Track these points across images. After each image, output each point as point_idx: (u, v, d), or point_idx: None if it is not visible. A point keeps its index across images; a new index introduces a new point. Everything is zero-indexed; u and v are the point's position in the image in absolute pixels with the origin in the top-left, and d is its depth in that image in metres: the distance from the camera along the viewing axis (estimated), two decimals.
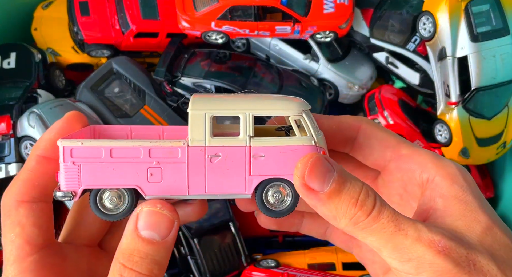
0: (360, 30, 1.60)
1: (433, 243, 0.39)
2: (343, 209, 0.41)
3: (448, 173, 0.45)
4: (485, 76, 1.33)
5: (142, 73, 1.59)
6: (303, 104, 0.49)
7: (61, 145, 0.47)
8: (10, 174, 1.33)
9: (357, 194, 0.41)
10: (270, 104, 0.48)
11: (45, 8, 1.69)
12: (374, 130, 0.51)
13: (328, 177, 0.42)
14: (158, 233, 0.43)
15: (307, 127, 0.48)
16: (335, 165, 0.43)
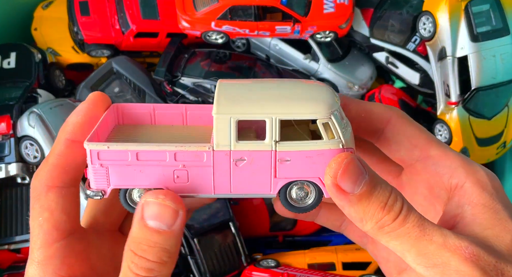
0: (360, 30, 1.60)
1: (459, 249, 0.38)
2: (370, 212, 0.41)
3: (478, 179, 0.44)
4: (485, 76, 1.33)
5: (142, 73, 1.59)
6: (332, 103, 0.47)
7: (88, 148, 0.47)
8: (10, 174, 1.33)
9: (386, 198, 0.41)
10: (297, 107, 0.46)
11: (45, 8, 1.69)
12: (404, 125, 0.49)
13: (360, 180, 0.41)
14: (164, 223, 0.43)
15: (335, 130, 0.46)
16: (368, 168, 0.43)
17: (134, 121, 0.57)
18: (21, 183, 1.38)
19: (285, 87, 0.50)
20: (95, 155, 0.47)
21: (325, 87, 0.50)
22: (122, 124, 0.57)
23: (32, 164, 1.36)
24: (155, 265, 0.43)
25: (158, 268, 0.43)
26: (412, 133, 0.48)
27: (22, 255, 1.44)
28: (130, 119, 0.57)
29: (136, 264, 0.43)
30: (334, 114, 0.46)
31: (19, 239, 1.36)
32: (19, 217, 1.37)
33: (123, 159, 0.47)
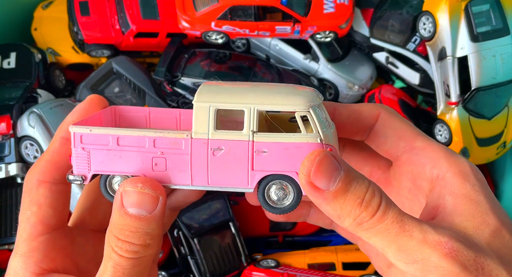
0: (360, 30, 1.60)
1: (439, 244, 0.38)
2: (348, 209, 0.41)
3: (460, 170, 0.44)
4: (485, 76, 1.33)
5: (142, 73, 1.59)
6: (312, 98, 0.47)
7: (72, 131, 0.48)
8: (10, 174, 1.33)
9: (363, 194, 0.41)
10: (276, 99, 0.47)
11: (45, 8, 1.69)
12: (391, 119, 0.50)
13: (334, 176, 0.41)
14: (145, 209, 0.44)
15: (313, 124, 0.46)
16: (343, 163, 0.42)
17: (130, 124, 0.58)
18: (21, 183, 1.38)
19: (269, 85, 0.51)
20: (78, 138, 0.48)
21: (309, 88, 0.50)
22: (119, 126, 0.58)
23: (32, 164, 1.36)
24: (139, 248, 0.44)
25: (143, 250, 0.44)
26: (399, 126, 0.49)
27: None
28: (126, 121, 0.58)
29: (120, 248, 0.44)
30: (313, 108, 0.46)
31: None
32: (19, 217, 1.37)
33: (104, 143, 0.48)
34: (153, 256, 0.46)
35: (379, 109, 0.50)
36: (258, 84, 0.52)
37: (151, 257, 0.46)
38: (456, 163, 0.44)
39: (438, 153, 0.46)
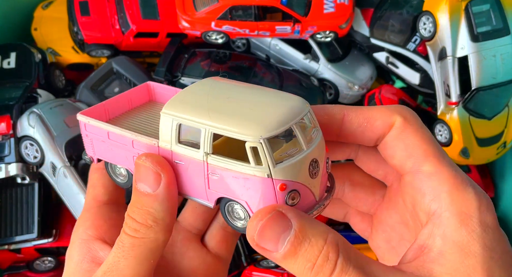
0: (360, 30, 1.60)
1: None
2: (298, 272, 0.38)
3: (462, 211, 0.38)
4: (486, 76, 1.33)
5: (142, 73, 1.59)
6: (270, 128, 0.42)
7: (78, 118, 0.54)
8: (10, 174, 1.33)
9: (315, 257, 0.37)
10: (230, 124, 0.43)
11: (45, 8, 1.69)
12: (405, 131, 0.44)
13: (283, 237, 0.38)
14: (148, 185, 0.45)
15: (263, 157, 0.42)
16: (297, 218, 0.38)
17: (164, 100, 0.61)
18: (21, 183, 1.38)
19: (246, 100, 0.47)
20: (83, 126, 0.54)
21: (293, 103, 0.46)
22: (154, 101, 0.62)
23: (32, 164, 1.36)
24: (140, 227, 0.44)
25: (144, 231, 0.44)
26: (411, 142, 0.43)
27: (22, 255, 1.44)
28: (161, 97, 0.61)
29: (126, 224, 0.45)
30: (265, 141, 0.42)
31: (19, 239, 1.36)
32: (19, 217, 1.37)
33: (100, 134, 0.53)
34: (156, 244, 0.45)
35: (394, 116, 0.45)
36: (248, 92, 0.48)
37: (153, 243, 0.44)
38: (460, 200, 0.39)
39: (443, 184, 0.40)
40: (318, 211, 0.45)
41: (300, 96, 0.49)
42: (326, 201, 0.46)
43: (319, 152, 0.45)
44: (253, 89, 0.49)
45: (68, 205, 1.35)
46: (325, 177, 0.47)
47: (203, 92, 0.48)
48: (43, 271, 1.41)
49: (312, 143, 0.45)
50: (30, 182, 1.37)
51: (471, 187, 0.40)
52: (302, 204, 0.44)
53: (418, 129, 0.44)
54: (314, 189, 0.45)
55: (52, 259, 1.43)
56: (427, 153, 0.43)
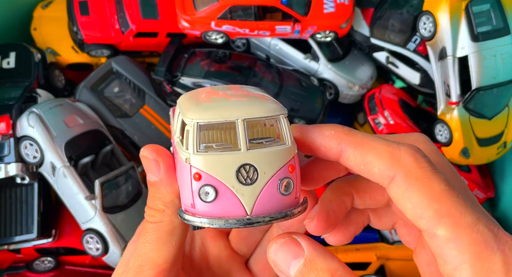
0: (360, 30, 1.59)
1: None
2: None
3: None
4: (486, 75, 1.33)
5: (142, 73, 1.59)
6: (204, 115, 0.40)
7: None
8: (10, 174, 1.33)
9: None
10: (187, 111, 0.42)
11: (44, 8, 1.68)
12: (410, 189, 0.37)
13: (294, 264, 0.39)
14: (152, 173, 0.46)
15: (189, 141, 0.40)
16: (309, 248, 0.38)
17: None
18: (21, 183, 1.37)
19: (226, 97, 0.44)
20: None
21: (254, 104, 0.42)
22: None
23: (32, 164, 1.36)
24: (156, 213, 0.47)
25: (159, 215, 0.47)
26: (420, 201, 0.37)
27: (22, 255, 1.44)
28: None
29: (146, 213, 0.48)
30: (195, 125, 0.40)
31: (19, 239, 1.36)
32: (19, 217, 1.37)
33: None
34: (172, 226, 0.47)
35: (395, 168, 0.38)
36: (234, 94, 0.46)
37: (170, 225, 0.47)
38: (486, 272, 0.34)
39: (464, 253, 0.35)
40: (243, 225, 0.40)
41: (299, 96, 0.46)
42: (262, 220, 0.40)
43: (262, 162, 0.40)
44: (242, 90, 0.47)
45: (68, 205, 1.35)
46: (274, 197, 0.41)
47: (198, 95, 0.46)
48: (42, 271, 1.40)
49: (257, 149, 0.40)
50: (30, 182, 1.37)
51: (499, 253, 0.34)
52: (221, 207, 0.40)
53: (425, 184, 0.37)
54: (244, 198, 0.40)
55: (52, 259, 1.43)
56: (439, 214, 0.36)
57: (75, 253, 1.45)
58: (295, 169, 0.41)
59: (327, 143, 0.42)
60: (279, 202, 0.41)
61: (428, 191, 0.37)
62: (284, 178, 0.41)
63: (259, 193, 0.40)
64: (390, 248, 1.42)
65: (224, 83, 1.51)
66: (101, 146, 1.43)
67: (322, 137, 0.42)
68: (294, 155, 0.41)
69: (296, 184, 0.41)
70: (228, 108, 0.41)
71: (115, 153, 1.47)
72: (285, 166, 0.41)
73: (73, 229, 1.41)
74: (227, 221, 0.40)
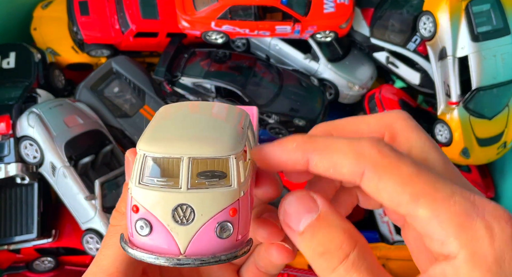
0: (360, 30, 1.59)
1: None
2: (311, 255, 0.38)
3: (475, 252, 0.35)
4: (486, 76, 1.33)
5: (142, 73, 1.59)
6: (154, 147, 0.40)
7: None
8: (10, 174, 1.33)
9: (329, 242, 0.37)
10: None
11: (44, 8, 1.68)
12: (382, 180, 0.38)
13: (305, 219, 0.39)
14: (128, 174, 0.45)
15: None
16: (324, 206, 0.39)
17: None
18: (21, 183, 1.37)
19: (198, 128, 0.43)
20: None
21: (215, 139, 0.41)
22: None
23: (32, 164, 1.36)
24: (117, 214, 0.45)
25: (119, 217, 0.45)
26: (394, 189, 0.37)
27: (22, 255, 1.44)
28: None
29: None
30: (142, 156, 0.40)
31: (19, 239, 1.36)
32: (19, 217, 1.37)
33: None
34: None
35: (362, 163, 0.39)
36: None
37: (127, 230, 0.44)
38: (471, 241, 0.35)
39: (447, 227, 0.36)
40: (173, 265, 0.40)
41: (300, 96, 0.45)
42: (192, 262, 0.40)
43: (200, 203, 0.40)
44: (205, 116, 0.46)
45: (68, 205, 1.35)
46: (211, 239, 0.40)
47: (167, 117, 0.46)
48: (42, 271, 1.40)
49: (198, 189, 0.39)
50: (30, 182, 1.37)
51: (480, 219, 0.36)
52: (155, 242, 0.40)
53: (395, 172, 0.38)
54: (179, 237, 0.40)
55: (52, 259, 1.43)
56: (417, 196, 0.37)
57: (75, 253, 1.45)
58: (239, 211, 0.40)
59: (293, 157, 0.41)
60: (215, 245, 0.40)
61: (399, 178, 0.37)
62: (223, 222, 0.40)
63: (194, 234, 0.40)
64: (390, 248, 1.42)
65: (224, 83, 1.51)
66: (101, 146, 1.43)
67: (286, 153, 0.41)
68: (240, 197, 0.40)
69: (238, 227, 0.40)
70: (178, 142, 0.40)
71: (115, 153, 1.47)
72: (226, 209, 0.40)
73: (73, 229, 1.41)
74: (157, 258, 0.39)
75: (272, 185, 0.45)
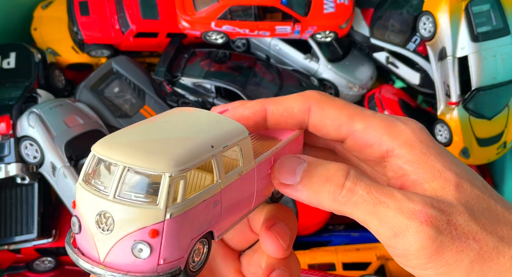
0: (360, 30, 1.60)
1: (414, 214, 0.40)
2: (318, 190, 0.43)
3: (405, 140, 0.45)
4: (486, 76, 1.33)
5: (142, 73, 1.59)
6: (104, 149, 0.39)
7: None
8: (10, 174, 1.33)
9: (327, 172, 0.43)
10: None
11: (44, 8, 1.69)
12: (324, 109, 0.48)
13: (298, 169, 0.44)
14: None
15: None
16: (308, 157, 0.45)
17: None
18: (21, 184, 1.37)
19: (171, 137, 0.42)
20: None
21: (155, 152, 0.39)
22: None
23: (32, 164, 1.36)
24: None
25: None
26: (334, 114, 0.48)
27: (22, 255, 1.44)
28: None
29: None
30: (93, 155, 0.40)
31: (19, 239, 1.36)
32: (19, 217, 1.37)
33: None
34: None
35: (308, 101, 0.49)
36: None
37: None
38: (398, 134, 0.46)
39: (378, 130, 0.46)
40: (89, 271, 0.39)
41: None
42: (104, 274, 0.38)
43: (121, 216, 0.38)
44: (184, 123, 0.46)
45: (68, 205, 1.35)
46: (127, 256, 0.38)
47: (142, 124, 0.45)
48: (42, 271, 1.41)
49: (123, 200, 0.38)
50: (30, 182, 1.37)
51: (398, 120, 0.47)
52: (82, 242, 0.39)
53: (333, 103, 0.49)
54: (99, 244, 0.38)
55: (52, 259, 1.43)
56: (351, 116, 0.48)
57: None
58: (162, 235, 0.37)
59: (253, 109, 0.50)
60: (132, 264, 0.38)
61: (336, 106, 0.48)
62: (140, 242, 0.38)
63: (113, 246, 0.38)
64: None
65: (224, 83, 1.51)
66: None
67: (248, 108, 0.50)
68: (166, 220, 0.37)
69: (160, 251, 0.38)
70: (124, 148, 0.39)
71: None
72: (145, 229, 0.37)
73: None
74: (78, 260, 0.39)
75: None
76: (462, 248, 0.39)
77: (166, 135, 0.42)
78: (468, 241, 0.40)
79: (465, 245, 0.39)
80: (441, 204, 0.41)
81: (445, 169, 0.43)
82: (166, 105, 1.56)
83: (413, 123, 0.48)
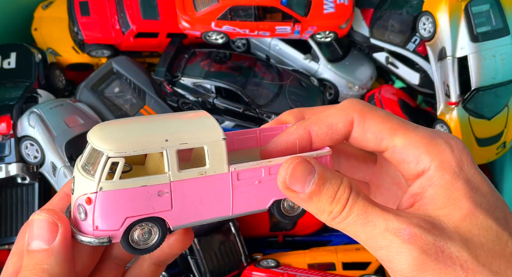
0: (360, 30, 1.60)
1: (399, 231, 0.41)
2: (322, 207, 0.45)
3: (442, 161, 0.45)
4: (485, 76, 1.33)
5: (142, 73, 1.59)
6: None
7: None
8: (10, 174, 1.34)
9: (335, 192, 0.44)
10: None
11: (45, 8, 1.69)
12: (366, 121, 0.48)
13: (308, 180, 0.45)
14: (43, 240, 0.43)
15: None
16: (317, 165, 0.46)
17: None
18: (21, 183, 1.38)
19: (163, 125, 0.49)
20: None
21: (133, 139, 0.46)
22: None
23: (32, 164, 1.36)
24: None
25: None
26: (377, 127, 0.48)
27: None
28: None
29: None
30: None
31: None
32: (19, 217, 1.37)
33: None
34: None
35: (350, 114, 0.49)
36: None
37: None
38: (438, 154, 0.45)
39: (419, 148, 0.46)
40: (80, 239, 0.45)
41: (300, 97, 0.50)
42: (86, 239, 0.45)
43: (78, 182, 0.47)
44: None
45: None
46: (76, 215, 0.46)
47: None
48: None
49: (84, 169, 0.47)
50: (30, 182, 1.38)
51: (440, 138, 0.47)
52: (73, 219, 0.47)
53: (375, 114, 0.48)
54: (71, 204, 0.48)
55: None
56: (393, 130, 0.48)
57: None
58: (94, 203, 0.44)
59: (298, 135, 0.50)
60: (78, 222, 0.45)
61: (379, 117, 0.48)
62: (79, 205, 0.45)
63: (73, 205, 0.46)
64: None
65: (224, 83, 1.51)
66: None
67: (291, 135, 0.51)
68: (98, 191, 0.43)
69: (94, 217, 0.44)
70: (102, 133, 0.46)
71: None
72: (85, 196, 0.44)
73: None
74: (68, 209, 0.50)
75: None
76: (445, 272, 0.40)
77: (141, 128, 0.48)
78: (454, 267, 0.40)
79: (449, 270, 0.40)
80: (431, 226, 0.41)
81: (463, 197, 0.43)
82: (166, 105, 1.56)
83: (455, 142, 0.47)
